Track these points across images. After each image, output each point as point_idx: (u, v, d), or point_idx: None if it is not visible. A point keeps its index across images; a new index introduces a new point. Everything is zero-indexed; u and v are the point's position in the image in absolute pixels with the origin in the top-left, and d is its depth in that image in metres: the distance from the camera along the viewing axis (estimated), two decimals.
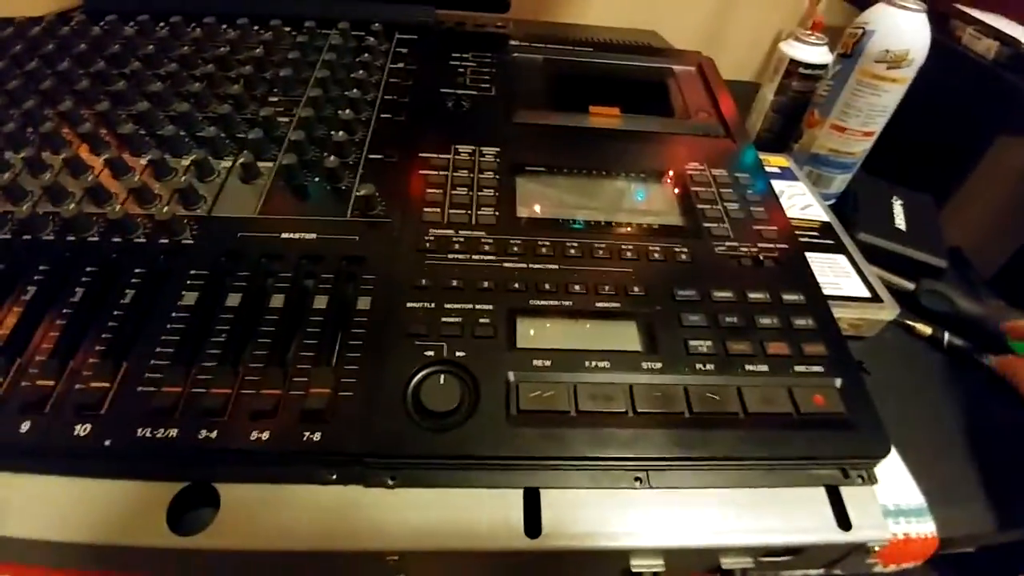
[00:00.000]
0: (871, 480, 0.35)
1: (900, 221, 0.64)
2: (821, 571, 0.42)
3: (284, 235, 0.40)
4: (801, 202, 0.62)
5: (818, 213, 0.61)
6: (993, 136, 0.66)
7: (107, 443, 0.30)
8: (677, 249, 0.42)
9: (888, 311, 0.52)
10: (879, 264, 0.58)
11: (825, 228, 0.59)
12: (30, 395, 0.31)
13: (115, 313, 0.35)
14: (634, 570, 0.33)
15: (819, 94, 0.65)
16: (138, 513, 0.30)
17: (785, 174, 0.66)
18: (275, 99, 0.49)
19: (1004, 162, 0.67)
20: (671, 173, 0.48)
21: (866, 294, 0.53)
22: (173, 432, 0.31)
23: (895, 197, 0.67)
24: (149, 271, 0.38)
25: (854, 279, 0.54)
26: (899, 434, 0.36)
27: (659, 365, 0.35)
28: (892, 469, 0.42)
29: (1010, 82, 0.64)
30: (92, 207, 0.41)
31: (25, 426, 0.31)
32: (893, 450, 0.43)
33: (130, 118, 0.45)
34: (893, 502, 0.41)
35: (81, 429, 0.31)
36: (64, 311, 0.35)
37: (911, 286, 0.58)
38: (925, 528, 0.41)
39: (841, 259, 0.56)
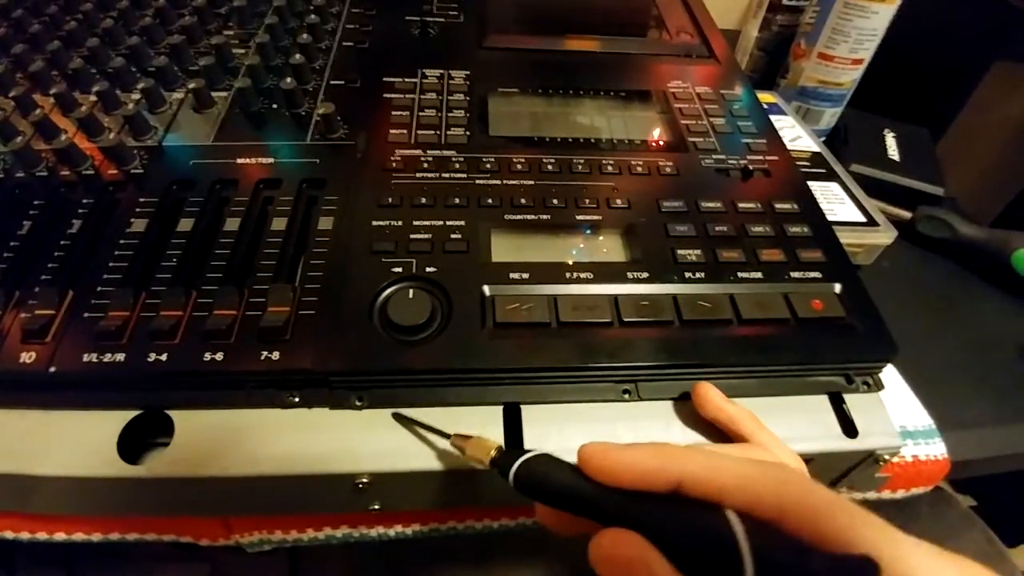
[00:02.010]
0: (877, 386, 0.33)
1: (893, 152, 0.62)
2: None
3: (240, 161, 0.37)
4: (790, 135, 0.60)
5: (808, 144, 0.59)
6: (990, 61, 0.63)
7: (52, 369, 0.28)
8: (661, 163, 0.40)
9: (885, 235, 0.50)
10: (873, 196, 0.56)
11: (816, 158, 0.57)
12: None
13: (62, 243, 0.33)
14: None
15: (805, 23, 0.63)
16: (89, 445, 0.28)
17: (772, 109, 0.64)
18: (230, 32, 0.46)
19: (1002, 92, 0.64)
20: (652, 91, 0.46)
21: (862, 219, 0.51)
22: (120, 356, 0.28)
23: (887, 130, 0.65)
24: (97, 202, 0.35)
25: (848, 205, 0.52)
26: (903, 358, 0.34)
27: (646, 275, 0.33)
28: (897, 391, 0.40)
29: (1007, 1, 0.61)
30: (41, 144, 0.38)
31: None
32: (897, 373, 0.41)
33: (80, 56, 0.43)
34: (900, 424, 0.39)
35: (27, 356, 0.28)
36: (11, 244, 0.33)
37: (908, 215, 0.56)
38: (935, 450, 0.39)
39: (834, 186, 0.54)
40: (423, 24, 0.48)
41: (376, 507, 0.31)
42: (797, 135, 0.60)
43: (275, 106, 0.40)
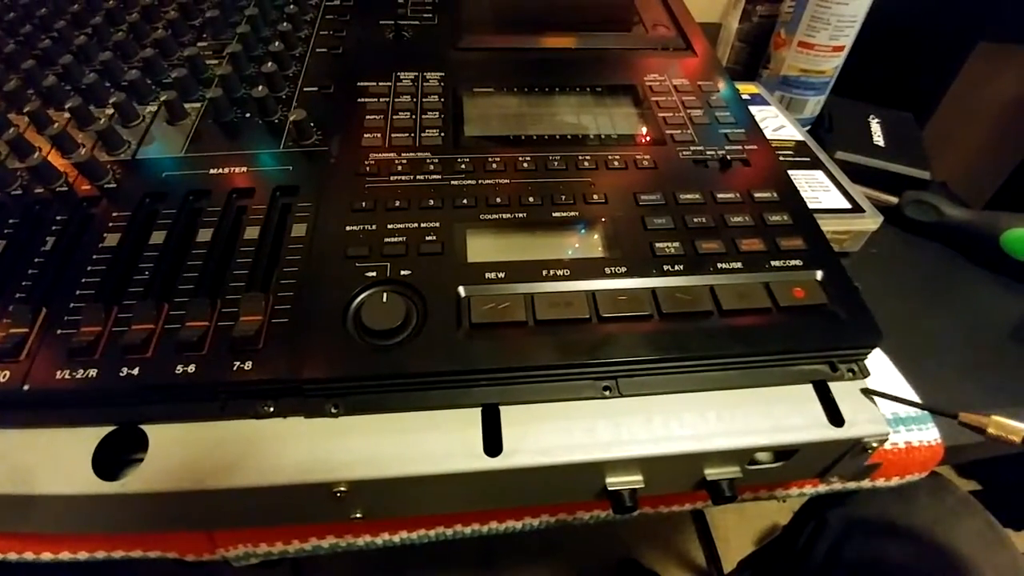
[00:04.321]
0: (862, 373, 0.32)
1: (879, 138, 0.62)
2: (819, 488, 0.39)
3: (212, 171, 0.37)
4: (774, 124, 0.60)
5: (792, 133, 0.59)
6: (974, 42, 0.63)
7: (26, 387, 0.28)
8: (639, 157, 0.39)
9: (871, 220, 0.49)
10: (859, 183, 0.55)
11: (800, 147, 0.57)
12: None
13: (36, 260, 0.33)
14: (610, 488, 0.31)
15: (784, 12, 0.62)
16: (63, 462, 0.28)
17: (756, 100, 0.64)
18: (203, 43, 0.46)
19: (986, 73, 0.64)
20: (629, 85, 0.45)
21: (847, 206, 0.50)
22: (93, 372, 0.28)
23: (872, 116, 0.64)
24: (70, 218, 0.35)
25: (834, 193, 0.52)
26: (892, 344, 0.33)
27: (623, 269, 0.33)
28: (888, 377, 0.39)
29: None
30: (15, 162, 0.38)
31: None
32: (887, 358, 0.40)
33: (54, 74, 0.42)
34: (892, 410, 0.39)
35: (1, 375, 0.28)
36: None
37: (894, 200, 0.56)
38: (928, 435, 0.39)
39: (819, 174, 0.54)
40: (397, 28, 0.48)
41: (358, 515, 0.30)
42: (781, 124, 0.60)
43: (248, 115, 0.40)
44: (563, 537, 0.91)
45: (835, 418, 0.31)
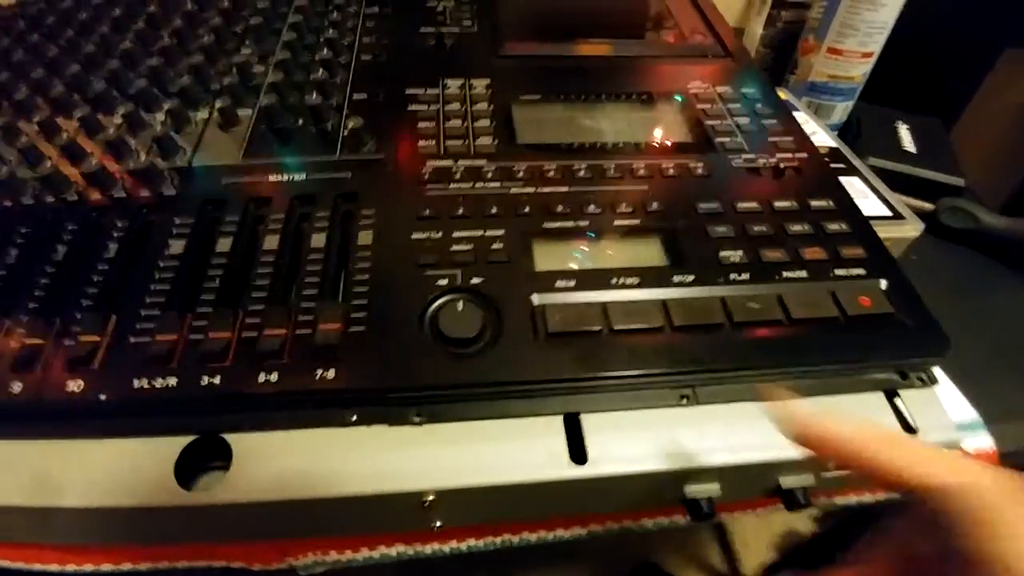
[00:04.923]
0: (931, 381, 0.33)
1: (908, 144, 0.62)
2: (875, 496, 0.40)
3: (272, 178, 0.37)
4: (806, 130, 0.60)
5: (824, 140, 0.59)
6: (1001, 49, 0.63)
7: (102, 397, 0.27)
8: (692, 165, 0.39)
9: (912, 227, 0.50)
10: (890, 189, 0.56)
11: (834, 153, 0.57)
12: (18, 354, 0.28)
13: (100, 268, 0.33)
14: (689, 496, 0.31)
15: (812, 18, 0.63)
16: (144, 472, 0.27)
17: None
18: (248, 50, 0.46)
19: (1012, 80, 0.65)
20: (673, 93, 0.45)
21: (887, 213, 0.51)
22: (172, 380, 0.28)
23: (899, 121, 0.65)
24: (132, 224, 0.35)
25: (872, 200, 0.52)
26: None
27: (691, 278, 0.33)
28: (938, 385, 0.40)
29: None
30: (69, 167, 0.38)
31: (16, 386, 0.28)
32: (937, 366, 0.41)
33: (101, 79, 0.42)
34: None
35: (74, 385, 0.28)
36: (47, 270, 0.32)
37: (929, 206, 0.57)
38: (981, 442, 0.39)
39: (855, 181, 0.54)
40: (439, 35, 0.48)
41: (438, 524, 0.30)
42: (812, 131, 0.60)
43: (300, 122, 0.40)
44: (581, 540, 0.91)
45: (907, 427, 0.31)
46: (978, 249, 0.55)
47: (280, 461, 0.28)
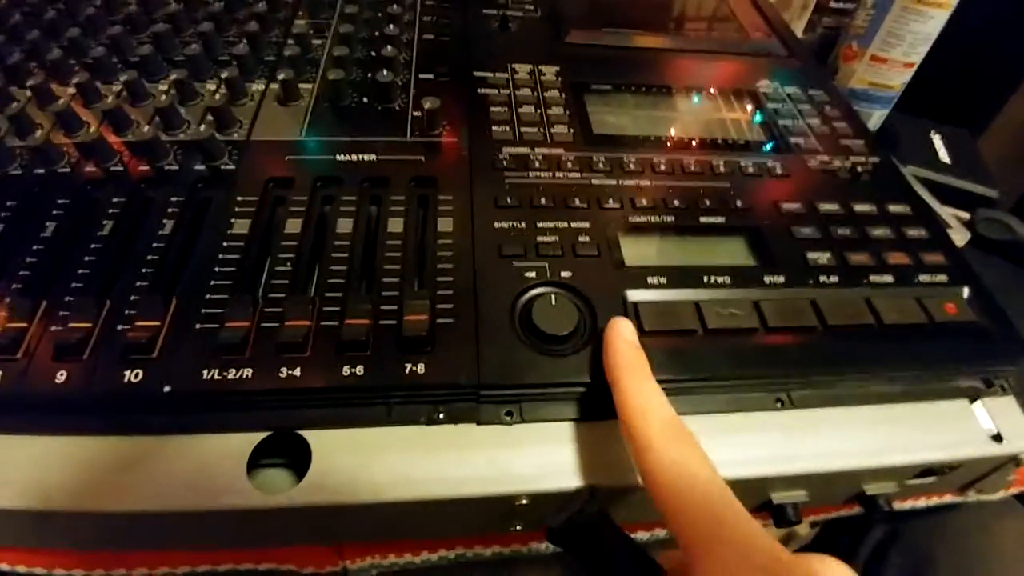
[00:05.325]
0: (1013, 389, 0.32)
1: (943, 154, 0.62)
2: (949, 498, 0.39)
3: (339, 157, 0.35)
4: None
5: None
6: None
7: (167, 389, 0.25)
8: (770, 164, 0.38)
9: (959, 236, 0.50)
10: None
11: None
12: (64, 339, 0.26)
13: (153, 246, 0.30)
14: (776, 502, 0.30)
15: (857, 25, 0.63)
16: (213, 471, 0.25)
17: None
18: (302, 21, 0.43)
19: None
20: (743, 90, 0.44)
21: None
22: (247, 372, 0.26)
23: (933, 132, 0.65)
24: (187, 200, 0.32)
25: None
26: None
27: (781, 279, 0.32)
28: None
29: None
30: (112, 136, 0.35)
31: (61, 375, 0.25)
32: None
33: (147, 44, 0.39)
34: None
35: (131, 375, 0.25)
36: (95, 247, 0.30)
37: (966, 215, 0.57)
38: None
39: None
40: (503, 18, 0.46)
41: (518, 528, 0.29)
42: None
43: (365, 100, 0.38)
44: None
45: (993, 434, 0.31)
46: (1012, 260, 0.55)
47: (362, 460, 0.26)
